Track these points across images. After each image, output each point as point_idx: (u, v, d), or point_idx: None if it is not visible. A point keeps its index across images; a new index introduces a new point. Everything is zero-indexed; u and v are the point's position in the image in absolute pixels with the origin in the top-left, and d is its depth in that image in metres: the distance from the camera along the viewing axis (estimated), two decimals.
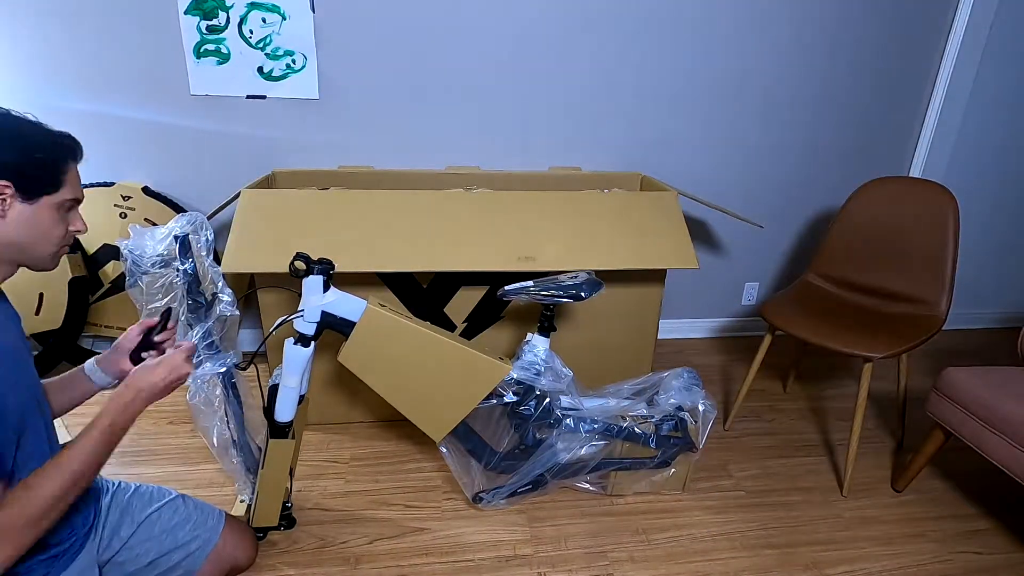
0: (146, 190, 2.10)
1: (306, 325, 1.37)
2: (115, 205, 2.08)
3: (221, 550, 1.26)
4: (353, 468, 1.79)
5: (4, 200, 0.88)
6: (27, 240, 0.92)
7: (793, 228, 2.61)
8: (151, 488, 1.26)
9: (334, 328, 1.41)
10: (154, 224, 2.09)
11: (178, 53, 2.00)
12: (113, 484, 1.22)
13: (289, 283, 1.75)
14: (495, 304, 1.91)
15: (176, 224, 1.34)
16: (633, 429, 1.60)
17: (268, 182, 2.05)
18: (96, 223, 2.06)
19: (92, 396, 1.15)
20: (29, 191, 0.90)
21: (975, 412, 1.54)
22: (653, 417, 1.63)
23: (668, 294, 2.62)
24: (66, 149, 0.95)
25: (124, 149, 2.10)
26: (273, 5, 1.98)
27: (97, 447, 0.93)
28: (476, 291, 1.88)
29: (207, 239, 1.40)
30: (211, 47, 2.00)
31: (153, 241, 1.32)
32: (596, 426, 1.57)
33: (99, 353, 1.16)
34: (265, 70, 2.05)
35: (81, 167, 1.00)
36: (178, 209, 2.14)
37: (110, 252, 2.11)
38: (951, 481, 1.84)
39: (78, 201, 0.98)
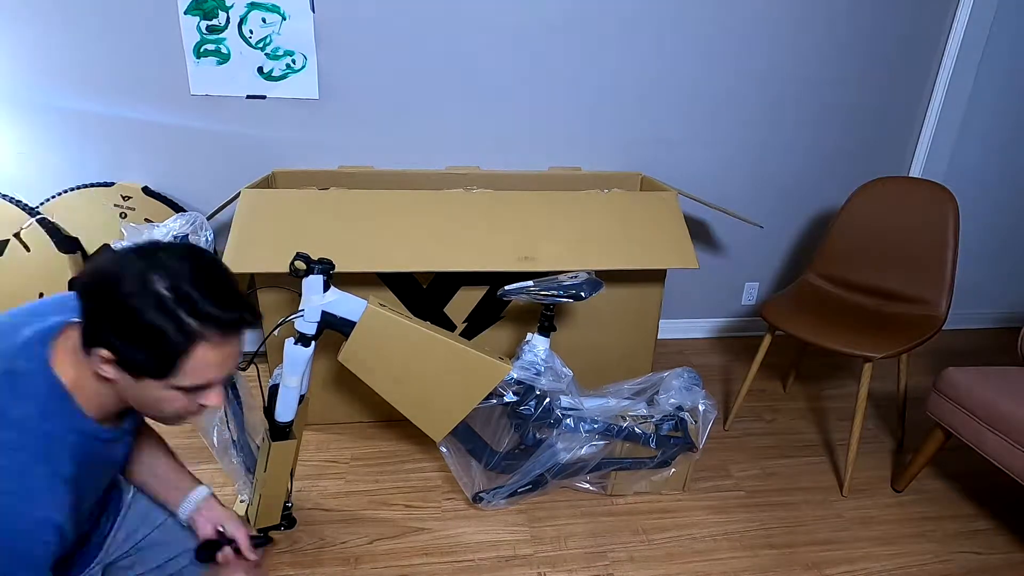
0: (146, 190, 2.10)
1: (306, 325, 1.37)
2: (115, 205, 2.07)
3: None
4: (353, 468, 1.79)
5: (108, 364, 0.79)
6: (138, 404, 0.85)
7: (793, 228, 2.61)
8: None
9: (334, 328, 1.41)
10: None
11: (178, 53, 2.00)
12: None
13: (289, 283, 1.75)
14: (495, 304, 1.91)
15: (175, 223, 1.34)
16: (633, 429, 1.60)
17: (268, 182, 2.05)
18: (96, 223, 2.06)
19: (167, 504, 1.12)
20: (131, 370, 0.79)
21: (975, 412, 1.54)
22: (653, 417, 1.63)
23: (668, 294, 2.62)
24: (195, 335, 0.78)
25: (124, 149, 2.10)
26: (273, 5, 1.98)
27: None
28: (476, 291, 1.88)
29: (207, 239, 1.40)
30: (211, 47, 2.00)
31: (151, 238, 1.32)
32: (596, 426, 1.57)
33: None
34: (265, 70, 2.05)
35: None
36: (178, 209, 2.14)
37: None
38: (951, 481, 1.84)
39: (210, 383, 0.84)
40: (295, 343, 1.37)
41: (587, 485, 1.71)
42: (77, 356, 0.82)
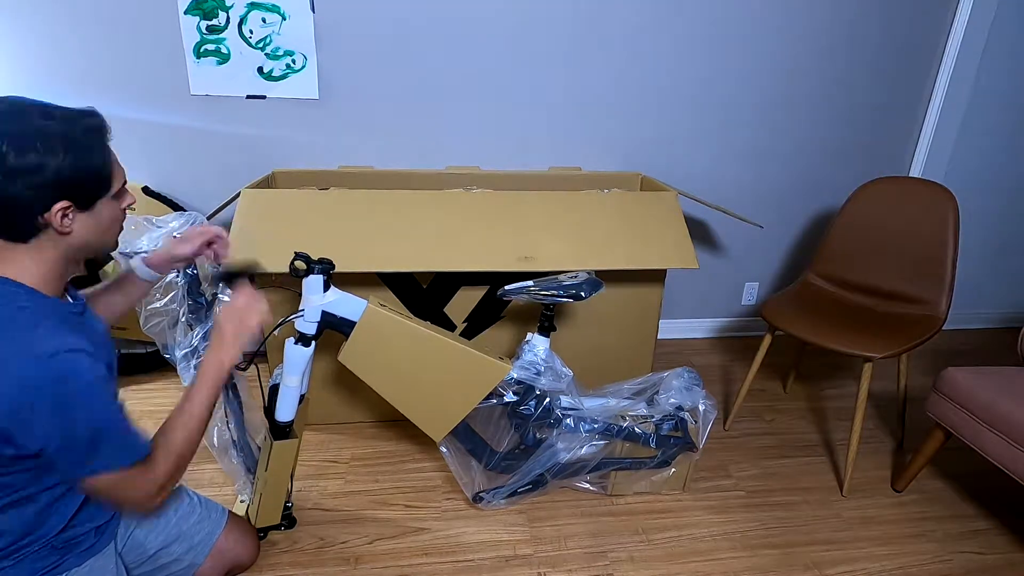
0: (146, 190, 2.10)
1: (307, 325, 1.37)
2: None
3: (224, 547, 1.27)
4: (353, 468, 1.79)
5: (67, 217, 0.90)
6: (95, 239, 0.96)
7: (793, 228, 2.61)
8: None
9: (334, 328, 1.41)
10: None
11: (178, 53, 2.00)
12: None
13: (289, 283, 1.74)
14: (495, 304, 1.90)
15: (176, 222, 1.34)
16: (633, 429, 1.60)
17: (268, 182, 2.05)
18: None
19: (145, 295, 1.25)
20: (88, 201, 0.92)
21: (975, 412, 1.54)
22: (653, 417, 1.63)
23: (668, 294, 2.62)
24: (103, 139, 0.94)
25: (124, 149, 2.09)
26: (273, 5, 1.98)
27: (209, 392, 1.07)
28: (476, 291, 1.88)
29: None
30: (211, 47, 2.00)
31: (149, 238, 1.33)
32: (596, 426, 1.57)
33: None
34: (265, 70, 2.05)
35: None
36: (178, 209, 2.14)
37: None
38: (951, 481, 1.84)
39: (125, 181, 1.00)
40: (295, 343, 1.37)
41: (587, 485, 1.71)
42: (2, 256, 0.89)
